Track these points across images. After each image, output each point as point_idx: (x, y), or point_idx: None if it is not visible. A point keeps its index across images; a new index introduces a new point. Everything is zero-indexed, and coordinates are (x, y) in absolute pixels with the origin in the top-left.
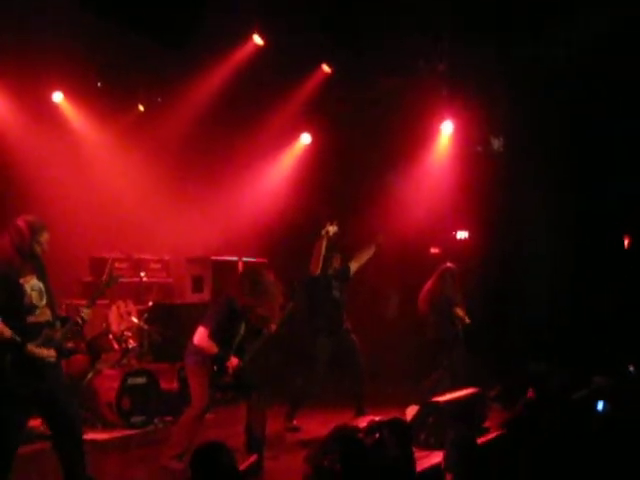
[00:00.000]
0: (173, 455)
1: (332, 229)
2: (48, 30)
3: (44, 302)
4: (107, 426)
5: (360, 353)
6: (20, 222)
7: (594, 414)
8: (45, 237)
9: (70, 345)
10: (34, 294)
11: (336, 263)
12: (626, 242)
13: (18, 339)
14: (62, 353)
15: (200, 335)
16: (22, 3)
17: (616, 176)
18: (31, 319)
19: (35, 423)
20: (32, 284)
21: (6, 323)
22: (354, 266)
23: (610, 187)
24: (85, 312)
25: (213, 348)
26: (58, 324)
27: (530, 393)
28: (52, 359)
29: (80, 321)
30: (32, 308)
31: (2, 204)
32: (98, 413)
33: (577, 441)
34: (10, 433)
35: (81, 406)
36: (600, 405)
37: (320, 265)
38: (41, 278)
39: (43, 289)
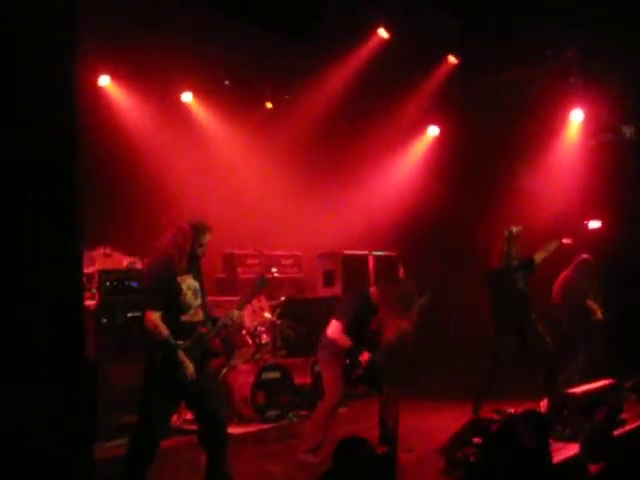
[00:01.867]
0: (308, 449)
1: (516, 229)
2: (176, 30)
3: (198, 302)
4: (242, 420)
5: (546, 342)
6: (185, 223)
7: None
8: (207, 239)
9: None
10: (189, 293)
11: (517, 253)
12: None
13: (172, 342)
14: (210, 354)
15: (334, 328)
16: (151, 4)
17: None
18: (185, 318)
19: (172, 418)
20: (188, 283)
21: (163, 320)
22: (539, 257)
23: None
24: (235, 314)
25: (347, 341)
26: (209, 325)
27: None
28: (190, 376)
29: (230, 322)
30: (187, 307)
31: (136, 203)
32: (233, 408)
33: None
34: (157, 426)
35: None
36: None
37: (502, 259)
38: (197, 278)
39: (198, 289)
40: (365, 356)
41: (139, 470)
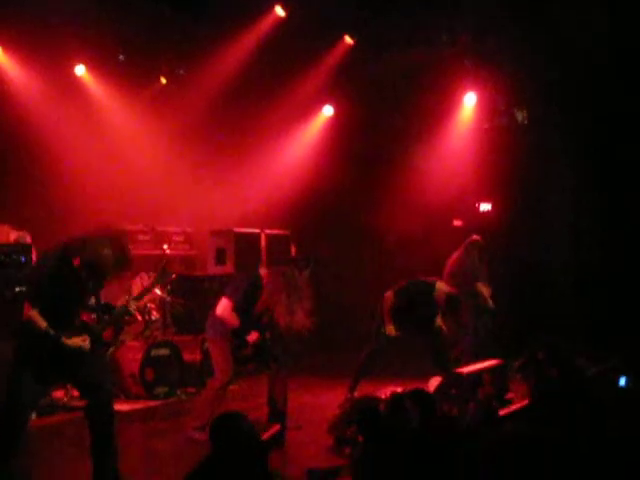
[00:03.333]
0: (196, 426)
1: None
2: (70, 3)
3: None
4: (130, 397)
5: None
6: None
7: (616, 389)
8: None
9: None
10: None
11: None
12: None
13: (52, 332)
14: (101, 343)
15: (223, 307)
16: None
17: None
18: (80, 304)
19: (58, 395)
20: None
21: (47, 314)
22: None
23: (633, 154)
24: (132, 305)
25: (235, 320)
26: (103, 314)
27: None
28: (85, 348)
29: (126, 314)
30: (83, 291)
31: (25, 176)
32: (121, 384)
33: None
34: (22, 406)
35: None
36: (622, 380)
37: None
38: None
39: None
40: (253, 336)
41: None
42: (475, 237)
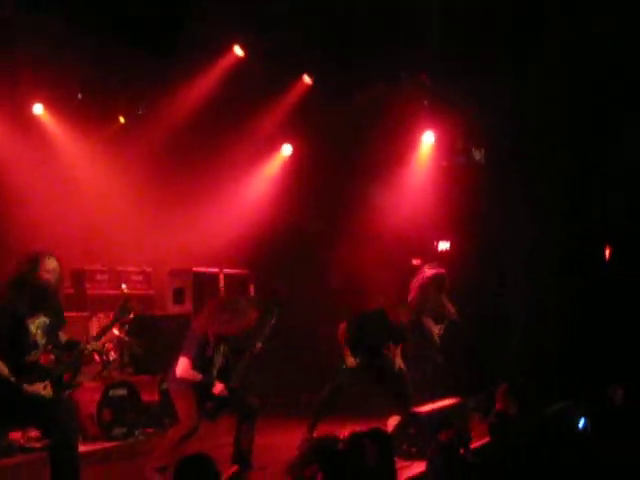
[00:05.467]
0: (156, 467)
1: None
2: (28, 41)
3: (45, 341)
4: (87, 439)
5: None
6: (24, 254)
7: (575, 432)
8: (52, 264)
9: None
10: (39, 332)
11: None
12: (607, 252)
13: (12, 380)
14: (62, 386)
15: (182, 366)
16: (2, 15)
17: (596, 187)
18: (31, 358)
19: (15, 436)
20: (38, 322)
21: (6, 359)
22: None
23: (591, 198)
24: (93, 344)
25: (197, 376)
26: (63, 354)
27: (499, 405)
28: (47, 395)
29: (87, 353)
30: (33, 347)
31: None
32: (79, 426)
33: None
34: None
35: None
36: (581, 422)
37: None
38: (49, 312)
39: (48, 324)
40: (218, 388)
41: None
42: (436, 271)
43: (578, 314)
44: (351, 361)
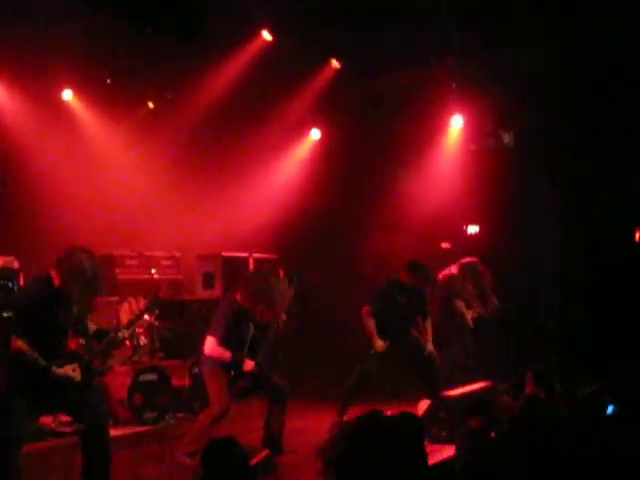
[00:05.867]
0: (187, 452)
1: None
2: (57, 28)
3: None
4: (119, 423)
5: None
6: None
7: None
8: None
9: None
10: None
11: None
12: (637, 235)
13: (43, 363)
14: (92, 372)
15: (210, 344)
16: (31, 3)
17: (628, 169)
18: (61, 341)
19: (46, 420)
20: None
21: (34, 344)
22: None
23: (621, 181)
24: (123, 332)
25: (225, 354)
26: (93, 341)
27: (529, 388)
28: (76, 378)
29: (118, 342)
30: (62, 330)
31: (12, 202)
32: (110, 410)
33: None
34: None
35: None
36: (610, 409)
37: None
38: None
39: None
40: (248, 365)
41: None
42: (474, 260)
43: (610, 297)
44: (380, 344)
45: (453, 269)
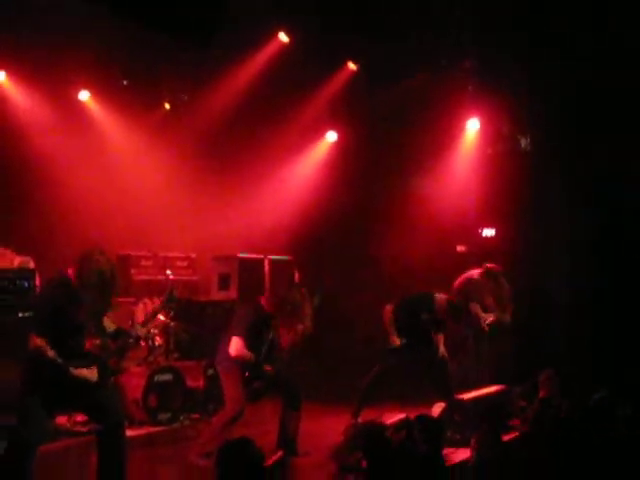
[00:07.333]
0: (202, 453)
1: None
2: (74, 29)
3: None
4: (133, 423)
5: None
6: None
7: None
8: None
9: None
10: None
11: None
12: None
13: (60, 362)
14: (108, 372)
15: (236, 346)
16: (48, 4)
17: None
18: (78, 342)
19: (61, 420)
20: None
21: (53, 343)
22: None
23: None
24: (139, 330)
25: (250, 356)
26: (109, 340)
27: (543, 392)
28: (93, 380)
29: (133, 340)
30: (79, 331)
31: (29, 201)
32: (126, 410)
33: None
34: (33, 431)
35: None
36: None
37: None
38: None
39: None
40: (268, 367)
41: (18, 472)
42: (498, 268)
43: (625, 301)
44: (395, 340)
45: (475, 273)
